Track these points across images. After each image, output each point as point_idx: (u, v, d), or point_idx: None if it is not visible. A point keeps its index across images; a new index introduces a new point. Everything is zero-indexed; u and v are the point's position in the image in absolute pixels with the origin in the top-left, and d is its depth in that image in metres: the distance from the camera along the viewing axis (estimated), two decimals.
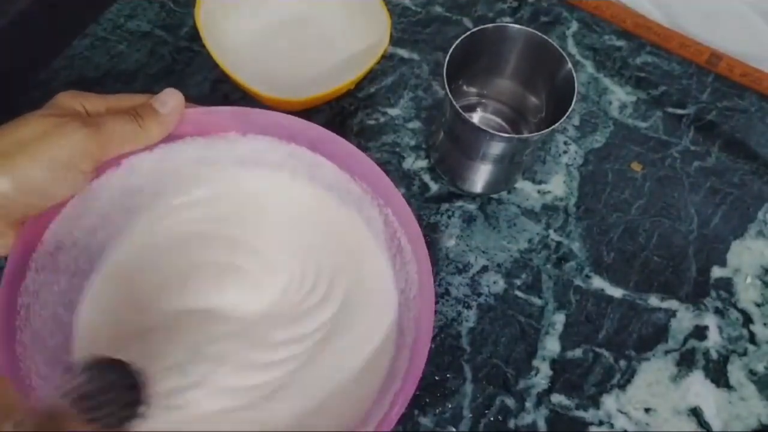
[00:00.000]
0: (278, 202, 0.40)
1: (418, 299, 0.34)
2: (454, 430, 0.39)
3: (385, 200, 0.35)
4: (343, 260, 0.38)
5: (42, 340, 0.33)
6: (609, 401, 0.41)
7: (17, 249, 0.32)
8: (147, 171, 0.37)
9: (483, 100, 0.47)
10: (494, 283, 0.43)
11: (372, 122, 0.48)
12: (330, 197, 0.39)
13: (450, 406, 0.40)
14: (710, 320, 0.43)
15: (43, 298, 0.34)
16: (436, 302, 0.42)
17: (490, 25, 0.40)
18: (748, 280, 0.45)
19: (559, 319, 0.43)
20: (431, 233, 0.45)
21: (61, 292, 0.35)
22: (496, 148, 0.40)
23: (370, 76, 0.49)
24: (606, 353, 0.42)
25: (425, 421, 0.39)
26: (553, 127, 0.37)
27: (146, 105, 0.34)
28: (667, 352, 0.42)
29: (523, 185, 0.47)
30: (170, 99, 0.34)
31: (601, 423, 0.40)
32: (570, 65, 0.39)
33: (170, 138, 0.35)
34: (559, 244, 0.45)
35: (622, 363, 0.42)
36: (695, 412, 0.41)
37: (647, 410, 0.41)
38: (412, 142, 0.48)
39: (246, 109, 0.36)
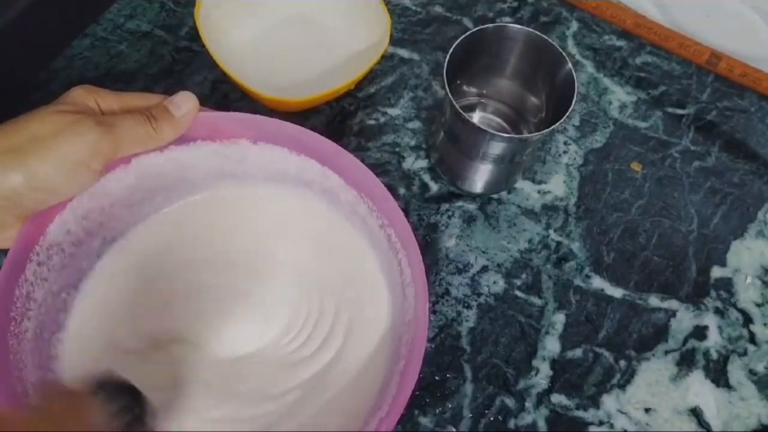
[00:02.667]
0: (285, 215, 0.40)
1: (413, 324, 0.33)
2: (454, 430, 0.39)
3: (389, 220, 0.35)
4: (347, 290, 0.38)
5: (35, 333, 0.33)
6: (609, 401, 0.41)
7: (19, 240, 0.32)
8: (156, 171, 0.37)
9: (483, 100, 0.47)
10: (494, 283, 0.43)
11: (372, 122, 0.48)
12: (338, 214, 0.39)
13: (450, 406, 0.40)
14: (710, 320, 0.43)
15: (41, 292, 0.34)
16: (436, 302, 0.42)
17: (490, 25, 0.40)
18: (748, 280, 0.45)
19: (559, 319, 0.43)
20: (431, 233, 0.45)
21: (59, 287, 0.35)
22: (496, 148, 0.40)
23: (370, 76, 0.49)
24: (606, 353, 0.42)
25: (425, 421, 0.39)
26: (553, 127, 0.37)
27: (160, 107, 0.34)
28: (667, 352, 0.42)
29: (523, 185, 0.47)
30: (185, 102, 0.34)
31: (601, 423, 0.40)
32: (570, 65, 0.39)
33: (182, 140, 0.35)
34: (559, 244, 0.45)
35: (622, 363, 0.42)
36: (695, 412, 0.41)
37: (647, 410, 0.41)
38: (412, 142, 0.48)
39: (258, 117, 0.36)
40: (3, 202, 0.30)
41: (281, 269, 0.39)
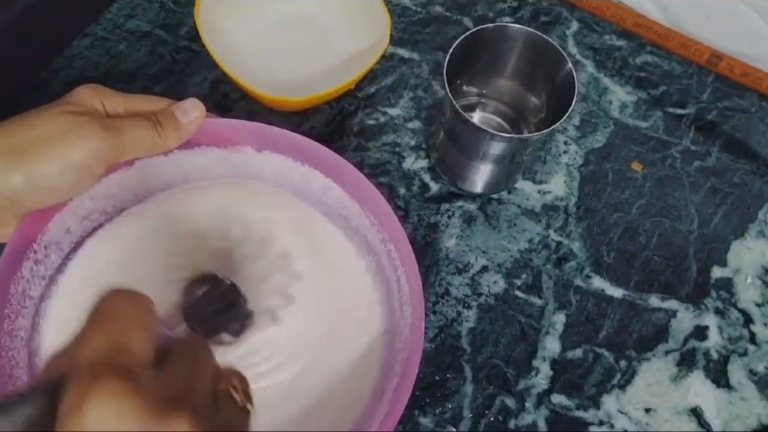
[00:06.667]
0: (285, 224, 0.40)
1: (409, 341, 0.33)
2: (454, 430, 0.39)
3: (389, 236, 0.35)
4: (334, 300, 0.38)
5: (30, 331, 0.33)
6: (609, 401, 0.41)
7: (15, 237, 0.32)
8: (159, 174, 0.37)
9: (483, 100, 0.47)
10: (494, 283, 0.43)
11: (372, 122, 0.48)
12: (338, 228, 0.39)
13: (450, 406, 0.40)
14: (710, 320, 0.43)
15: (38, 290, 0.34)
16: (436, 302, 0.42)
17: (490, 24, 0.40)
18: (749, 280, 0.45)
19: (560, 319, 0.43)
20: (431, 233, 0.45)
21: (58, 284, 0.35)
22: (496, 148, 0.40)
23: (370, 76, 0.49)
24: (606, 353, 0.42)
25: (425, 421, 0.39)
26: (553, 127, 0.37)
27: (167, 112, 0.34)
28: (667, 353, 0.42)
29: (523, 185, 0.47)
30: (193, 109, 0.34)
31: (601, 423, 0.40)
32: (570, 65, 0.39)
33: (186, 145, 0.35)
34: (559, 244, 0.45)
35: (623, 363, 0.42)
36: (695, 412, 0.41)
37: (647, 410, 0.41)
38: (412, 142, 0.48)
39: (264, 125, 0.36)
40: (3, 202, 0.30)
41: (274, 275, 0.39)
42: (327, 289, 0.38)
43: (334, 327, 0.37)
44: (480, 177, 0.44)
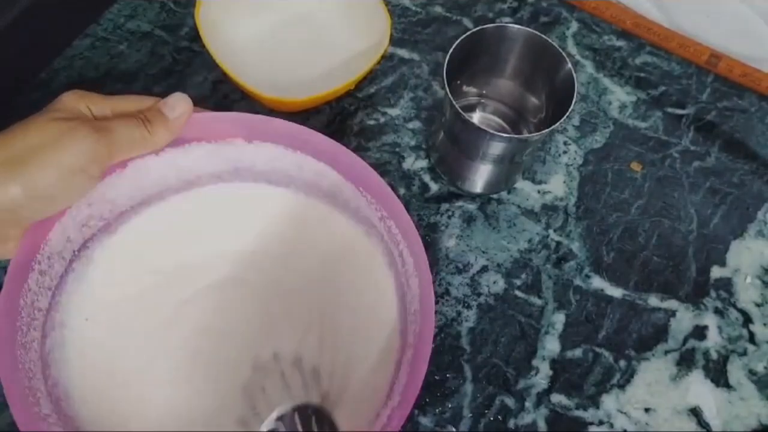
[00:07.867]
0: (283, 213, 0.40)
1: (419, 314, 0.33)
2: (454, 430, 0.39)
3: (388, 212, 0.35)
4: (351, 290, 0.38)
5: (41, 342, 0.33)
6: (609, 401, 0.41)
7: (19, 250, 0.32)
8: (153, 174, 0.37)
9: (483, 100, 0.47)
10: (494, 283, 0.44)
11: (372, 122, 0.48)
12: (336, 211, 0.39)
13: (450, 405, 0.40)
14: (710, 320, 0.43)
15: (45, 300, 0.34)
16: (436, 302, 0.42)
17: (490, 25, 0.40)
18: (748, 280, 0.45)
19: (559, 319, 0.43)
20: (431, 233, 0.45)
21: (63, 293, 0.35)
22: (496, 148, 0.40)
23: (370, 77, 0.49)
24: (606, 353, 0.42)
25: (425, 420, 0.39)
26: (552, 127, 0.37)
27: (154, 110, 0.34)
28: (666, 352, 0.42)
29: (523, 185, 0.47)
30: (178, 104, 0.34)
31: (600, 423, 0.40)
32: (570, 65, 0.39)
33: (177, 142, 0.35)
34: (558, 244, 0.45)
35: (622, 363, 0.42)
36: (695, 412, 0.41)
37: (647, 410, 0.41)
38: (412, 142, 0.48)
39: (252, 116, 0.36)
40: (3, 215, 0.30)
41: (281, 268, 0.39)
42: (345, 284, 0.38)
43: (352, 324, 0.37)
44: (480, 177, 0.44)
